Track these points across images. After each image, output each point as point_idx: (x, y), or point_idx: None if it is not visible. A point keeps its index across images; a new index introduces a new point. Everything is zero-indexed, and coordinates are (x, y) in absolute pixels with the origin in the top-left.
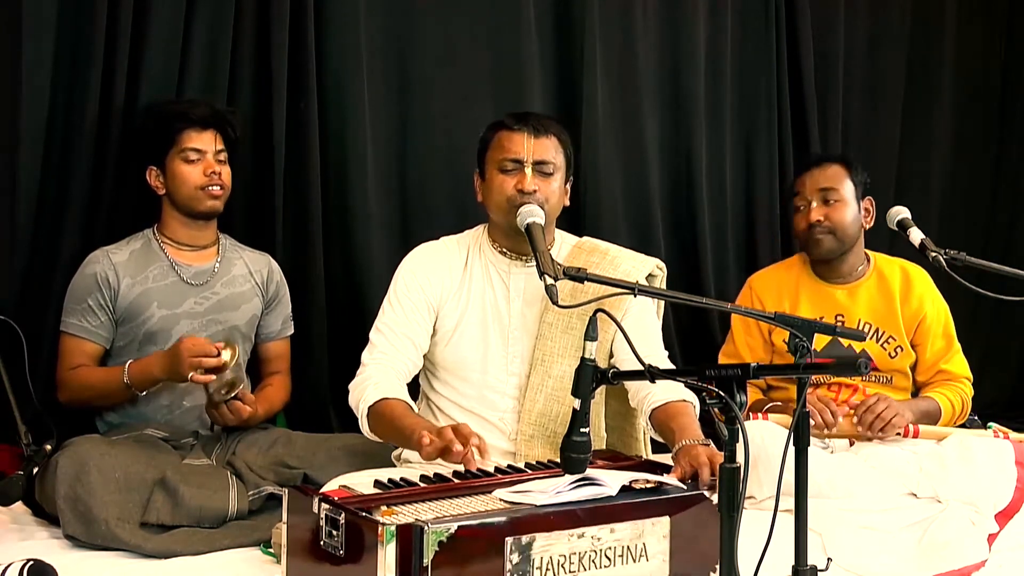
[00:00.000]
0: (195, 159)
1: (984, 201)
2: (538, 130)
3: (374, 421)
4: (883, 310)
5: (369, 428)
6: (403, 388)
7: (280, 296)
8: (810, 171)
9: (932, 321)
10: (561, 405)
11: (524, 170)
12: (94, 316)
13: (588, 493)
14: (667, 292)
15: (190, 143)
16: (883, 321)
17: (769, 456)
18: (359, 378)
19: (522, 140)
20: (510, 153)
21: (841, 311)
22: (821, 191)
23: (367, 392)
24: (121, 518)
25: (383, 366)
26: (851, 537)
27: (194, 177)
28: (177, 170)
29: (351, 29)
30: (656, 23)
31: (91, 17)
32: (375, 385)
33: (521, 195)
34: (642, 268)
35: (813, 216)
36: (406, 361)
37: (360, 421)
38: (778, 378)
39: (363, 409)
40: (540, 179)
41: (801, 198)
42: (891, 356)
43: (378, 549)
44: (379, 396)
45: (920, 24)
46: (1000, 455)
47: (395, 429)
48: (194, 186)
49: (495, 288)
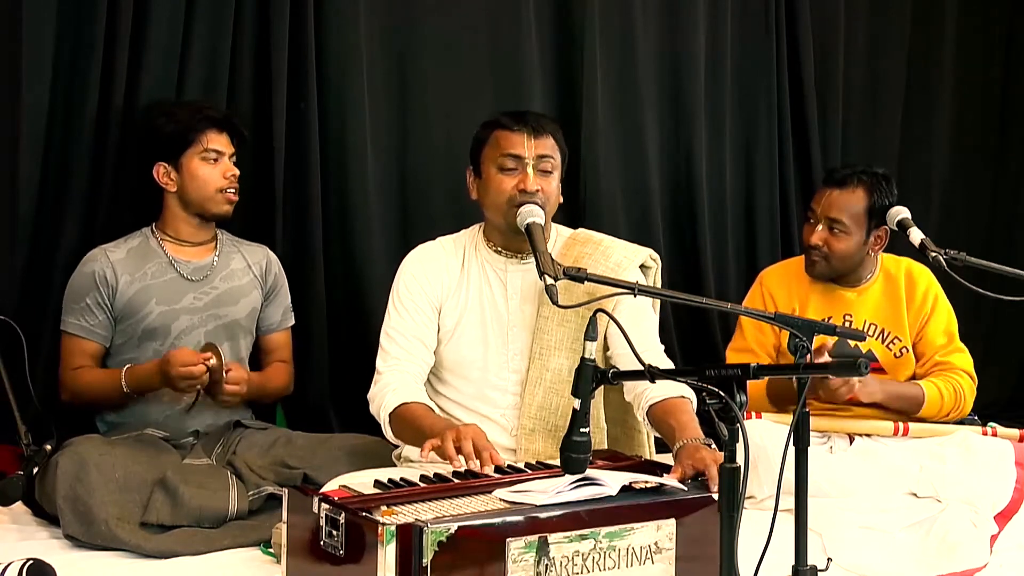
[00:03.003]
0: (215, 159)
1: (984, 201)
2: (537, 130)
3: (397, 426)
4: (889, 311)
5: (393, 434)
6: (421, 390)
7: (279, 287)
8: (830, 190)
9: (935, 320)
10: (560, 397)
11: (526, 170)
12: (93, 315)
13: (588, 493)
14: (667, 292)
15: (211, 143)
16: (889, 322)
17: (769, 456)
18: (377, 386)
19: (522, 140)
20: (508, 151)
21: (849, 311)
22: (829, 219)
23: (387, 399)
24: (121, 518)
25: (399, 371)
26: (851, 537)
27: (215, 179)
28: (197, 170)
29: (351, 29)
30: (656, 23)
31: (91, 17)
32: (394, 391)
33: (523, 195)
34: (634, 257)
35: (814, 239)
36: (419, 363)
37: (383, 428)
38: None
39: (384, 416)
40: (540, 178)
41: (812, 213)
42: (896, 356)
43: (378, 549)
44: (399, 401)
45: (920, 24)
46: (1000, 455)
47: (416, 431)
48: (215, 188)
49: (492, 287)
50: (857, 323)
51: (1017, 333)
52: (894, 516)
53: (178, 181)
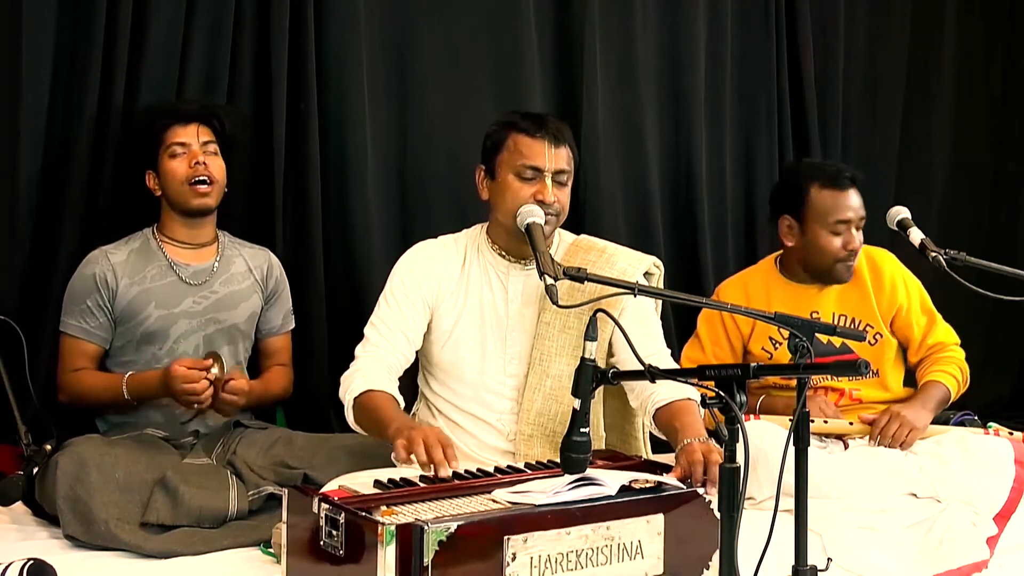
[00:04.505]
0: (180, 153)
1: (984, 201)
2: (557, 139)
3: (358, 412)
4: (855, 300)
5: (354, 419)
6: (392, 381)
7: (280, 291)
8: (847, 191)
9: (911, 303)
10: (559, 404)
11: (544, 180)
12: (93, 317)
13: (587, 493)
14: (667, 292)
15: (175, 138)
16: (857, 310)
17: (768, 456)
18: (349, 370)
19: (543, 149)
20: (530, 161)
21: (815, 307)
22: (861, 219)
23: (354, 383)
24: (121, 518)
25: (374, 359)
26: (851, 537)
27: (180, 171)
28: (166, 167)
29: (351, 29)
30: (656, 23)
31: (91, 17)
32: (363, 376)
33: (541, 206)
34: (638, 265)
35: (855, 243)
36: (397, 355)
37: (346, 411)
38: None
39: (349, 400)
40: (557, 189)
41: (848, 222)
42: (871, 343)
43: (378, 549)
44: (365, 387)
45: (920, 24)
46: (1000, 455)
47: (374, 421)
48: (180, 180)
49: (493, 290)
50: (825, 317)
51: (1017, 333)
52: (894, 516)
53: (160, 185)
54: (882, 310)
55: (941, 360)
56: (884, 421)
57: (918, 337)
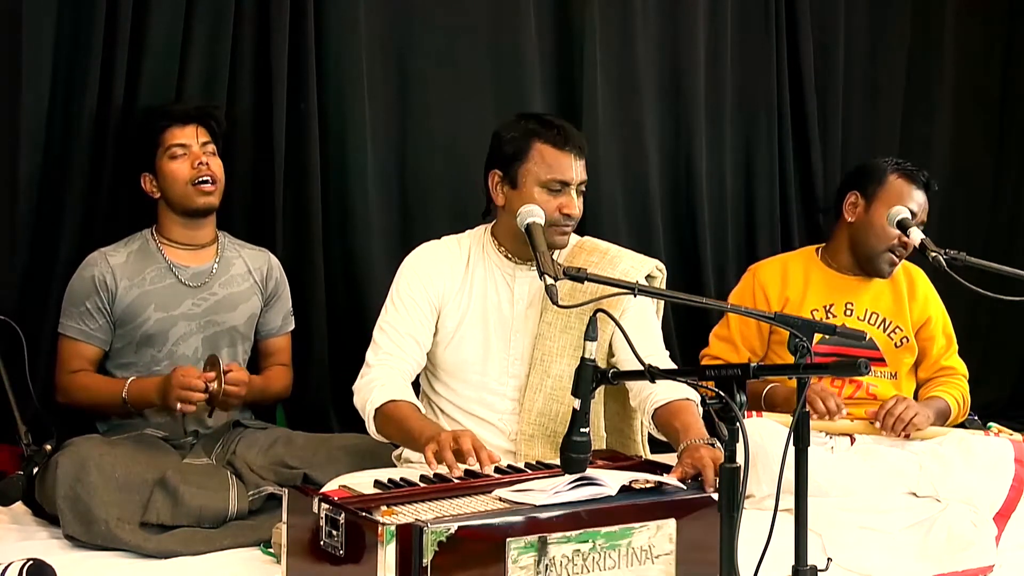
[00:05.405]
0: (181, 154)
1: (984, 201)
2: (581, 150)
3: (382, 423)
4: (891, 302)
5: (376, 430)
6: (409, 389)
7: (280, 292)
8: (920, 189)
9: (936, 321)
10: (560, 404)
11: (570, 193)
12: (92, 319)
13: (587, 493)
14: (667, 292)
15: (174, 140)
16: (889, 311)
17: (768, 454)
18: (364, 379)
19: (570, 162)
20: (560, 176)
21: (850, 299)
22: (921, 222)
23: (374, 394)
24: (121, 518)
25: (388, 367)
26: (851, 537)
27: (183, 172)
28: (166, 169)
29: (351, 29)
30: (656, 23)
31: (91, 17)
32: (381, 387)
33: (566, 219)
34: (641, 268)
35: (913, 241)
36: (411, 361)
37: (367, 423)
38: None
39: (370, 411)
40: (578, 200)
41: (913, 216)
42: (897, 346)
43: (378, 549)
44: (386, 398)
45: (920, 24)
46: (1000, 454)
47: (403, 431)
48: (184, 181)
49: (499, 291)
50: (858, 311)
51: (1017, 333)
52: (894, 516)
53: (159, 186)
54: (913, 317)
55: (948, 383)
56: (891, 403)
57: (934, 355)
